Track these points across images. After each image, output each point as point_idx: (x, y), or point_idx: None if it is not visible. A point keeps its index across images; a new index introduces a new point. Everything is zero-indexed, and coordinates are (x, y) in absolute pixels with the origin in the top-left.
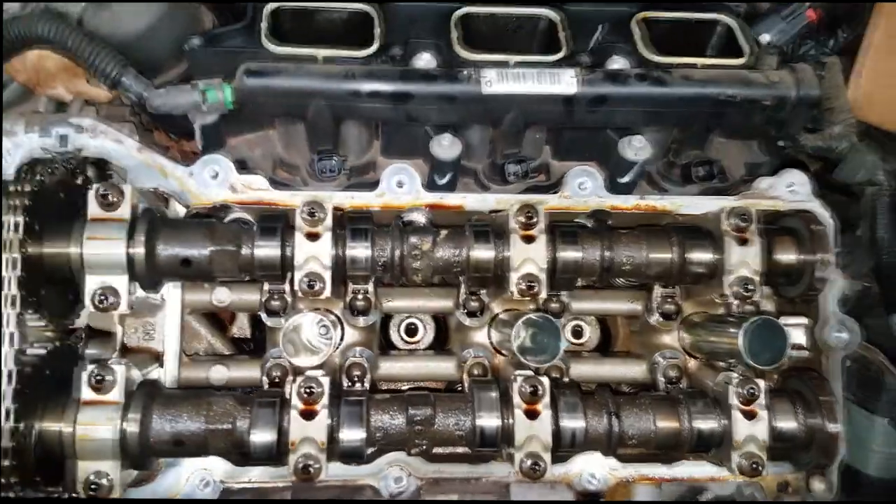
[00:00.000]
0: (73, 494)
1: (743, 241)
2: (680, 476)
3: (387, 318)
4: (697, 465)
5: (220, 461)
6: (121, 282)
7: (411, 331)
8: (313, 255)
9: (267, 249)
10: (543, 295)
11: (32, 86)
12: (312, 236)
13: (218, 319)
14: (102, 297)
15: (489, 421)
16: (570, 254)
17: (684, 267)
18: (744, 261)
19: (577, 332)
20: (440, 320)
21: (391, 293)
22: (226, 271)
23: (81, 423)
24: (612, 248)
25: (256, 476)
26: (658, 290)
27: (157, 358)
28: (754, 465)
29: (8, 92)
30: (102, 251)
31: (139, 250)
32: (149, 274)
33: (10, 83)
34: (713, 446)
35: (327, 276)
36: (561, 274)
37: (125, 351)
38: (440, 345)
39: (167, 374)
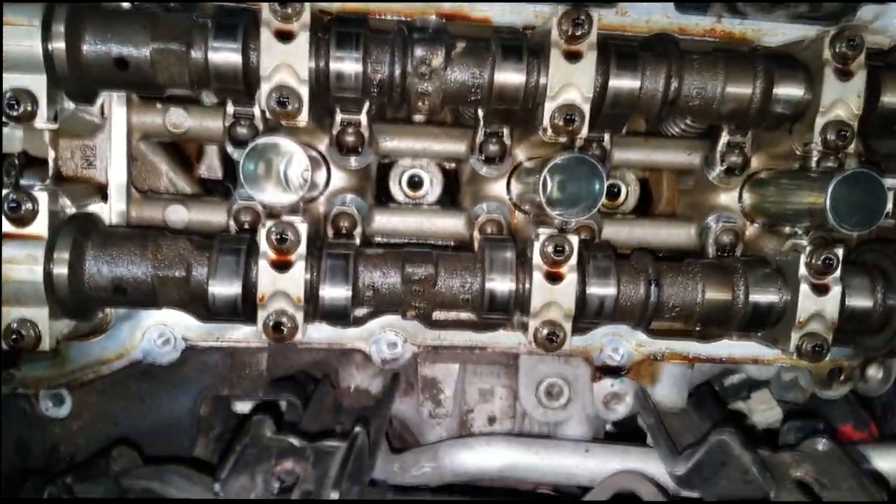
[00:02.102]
0: None
1: (845, 76)
2: (718, 355)
3: (386, 169)
4: (738, 345)
5: (184, 315)
6: (38, 84)
7: (415, 184)
8: (285, 61)
9: (224, 53)
10: (583, 134)
11: None
12: (284, 36)
13: (182, 156)
14: (13, 102)
15: (501, 284)
16: (625, 81)
17: (767, 104)
18: (842, 100)
19: (614, 193)
20: (450, 174)
21: (390, 131)
22: (174, 80)
23: None
24: (680, 74)
25: (226, 334)
26: (724, 138)
27: (101, 191)
28: (817, 348)
29: None
30: (8, 41)
31: (59, 44)
32: (75, 76)
33: None
34: (769, 324)
35: (304, 92)
36: (610, 108)
37: (60, 180)
38: (448, 203)
39: (112, 211)
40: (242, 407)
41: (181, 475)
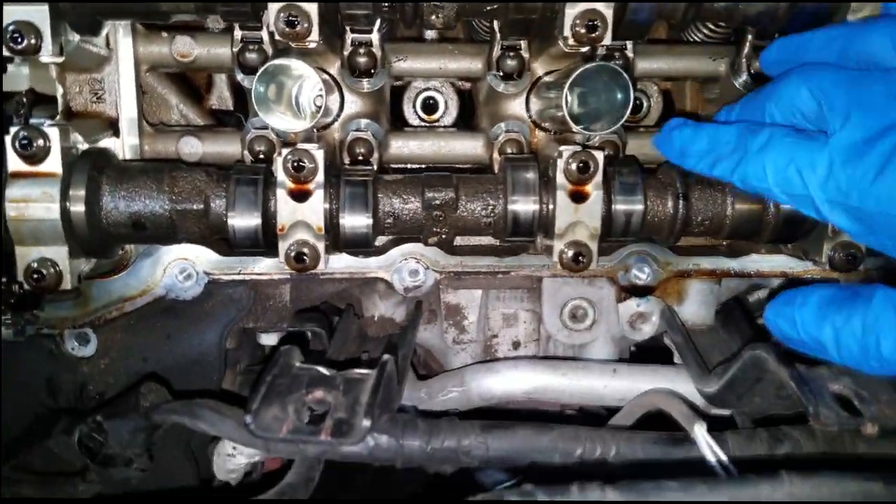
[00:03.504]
0: (20, 283)
1: None
2: (747, 270)
3: (399, 92)
4: (768, 259)
5: (204, 250)
6: (40, 15)
7: (429, 107)
8: None
9: None
10: (607, 41)
11: None
12: None
13: (192, 87)
14: (17, 35)
15: (525, 205)
16: None
17: (796, 4)
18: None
19: (636, 106)
20: (465, 96)
21: (402, 50)
22: (178, 5)
23: (11, 200)
24: None
25: (248, 267)
26: (751, 42)
27: (112, 125)
28: (850, 258)
29: None
30: None
31: None
32: (77, 6)
33: None
34: (800, 235)
35: (313, 10)
36: (633, 13)
37: (70, 116)
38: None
39: (125, 145)
40: (268, 339)
41: (211, 408)
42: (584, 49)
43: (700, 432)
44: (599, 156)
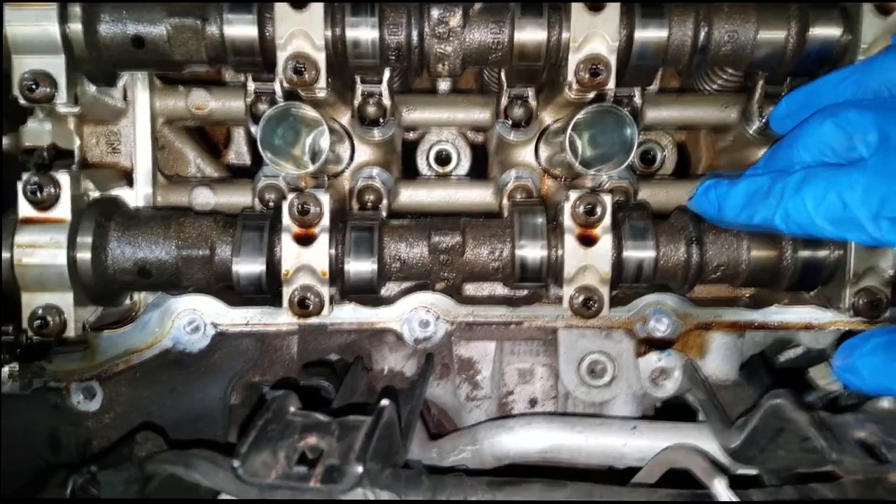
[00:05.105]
0: (24, 330)
1: (885, 12)
2: (769, 321)
3: (413, 145)
4: (791, 310)
5: (213, 301)
6: (56, 66)
7: (442, 159)
8: (301, 28)
9: (240, 25)
10: (611, 86)
11: None
12: (298, 3)
13: (210, 142)
14: (32, 84)
15: (532, 250)
16: (652, 32)
17: (803, 47)
18: (884, 37)
19: (650, 158)
20: (478, 150)
21: (413, 101)
22: (191, 56)
23: (20, 246)
24: (710, 20)
25: (255, 318)
26: (762, 87)
27: (126, 176)
28: (874, 304)
29: None
30: (26, 23)
31: (75, 25)
32: (93, 57)
33: None
34: (820, 281)
35: (320, 59)
36: (637, 60)
37: (86, 167)
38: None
39: (138, 196)
40: (274, 393)
41: (206, 459)
42: (591, 95)
43: (721, 487)
44: (607, 199)
